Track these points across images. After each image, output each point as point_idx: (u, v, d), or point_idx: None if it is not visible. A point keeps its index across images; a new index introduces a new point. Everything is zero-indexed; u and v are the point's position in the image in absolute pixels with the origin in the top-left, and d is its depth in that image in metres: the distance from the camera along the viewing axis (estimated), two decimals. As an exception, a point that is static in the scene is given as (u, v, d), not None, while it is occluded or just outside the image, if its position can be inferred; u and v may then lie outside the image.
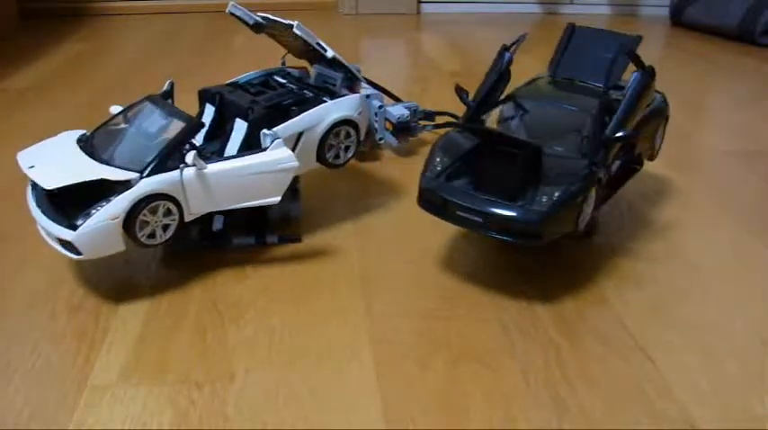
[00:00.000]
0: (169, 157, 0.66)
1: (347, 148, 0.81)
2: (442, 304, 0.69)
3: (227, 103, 0.79)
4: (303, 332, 0.65)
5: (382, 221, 0.85)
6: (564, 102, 0.75)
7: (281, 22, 0.78)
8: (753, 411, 0.56)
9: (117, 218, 0.63)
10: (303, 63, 0.87)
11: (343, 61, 0.80)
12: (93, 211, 0.63)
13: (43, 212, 0.66)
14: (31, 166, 0.67)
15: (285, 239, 0.79)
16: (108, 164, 0.66)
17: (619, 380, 0.59)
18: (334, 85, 0.82)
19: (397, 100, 1.11)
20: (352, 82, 0.82)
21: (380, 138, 1.03)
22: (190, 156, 0.66)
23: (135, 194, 0.64)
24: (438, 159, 0.71)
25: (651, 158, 0.87)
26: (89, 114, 1.23)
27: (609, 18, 2.20)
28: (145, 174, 0.65)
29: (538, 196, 0.64)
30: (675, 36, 1.96)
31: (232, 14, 0.79)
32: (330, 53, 0.79)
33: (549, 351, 0.63)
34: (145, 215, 0.65)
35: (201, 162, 0.67)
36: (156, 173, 0.65)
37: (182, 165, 0.67)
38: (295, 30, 0.77)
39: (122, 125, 0.72)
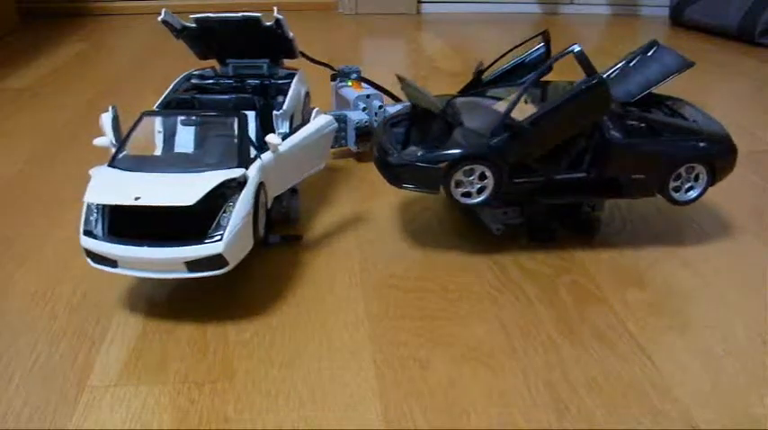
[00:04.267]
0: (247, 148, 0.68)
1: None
2: (443, 304, 0.69)
3: (214, 104, 0.80)
4: (303, 332, 0.65)
5: (382, 221, 0.85)
6: (546, 98, 0.79)
7: (233, 17, 0.78)
8: (753, 411, 0.56)
9: (248, 214, 0.63)
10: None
11: (296, 44, 0.83)
12: (224, 217, 0.62)
13: (148, 245, 0.62)
14: (137, 197, 0.61)
15: (287, 239, 0.79)
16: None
17: (619, 380, 0.59)
18: (262, 73, 0.84)
19: (397, 100, 1.11)
20: (278, 64, 0.86)
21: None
22: (274, 138, 0.68)
23: (253, 187, 0.64)
24: (398, 112, 0.84)
25: (665, 195, 0.76)
26: (89, 114, 1.23)
27: (609, 18, 2.20)
28: (245, 167, 0.65)
29: (419, 151, 0.72)
30: (675, 36, 1.96)
31: (164, 22, 0.79)
32: (291, 34, 0.82)
33: (549, 351, 0.63)
34: (257, 207, 0.66)
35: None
36: (248, 164, 0.66)
37: (257, 153, 0.68)
38: (277, 15, 0.78)
39: (146, 141, 0.72)
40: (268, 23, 0.79)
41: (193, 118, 0.73)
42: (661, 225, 0.85)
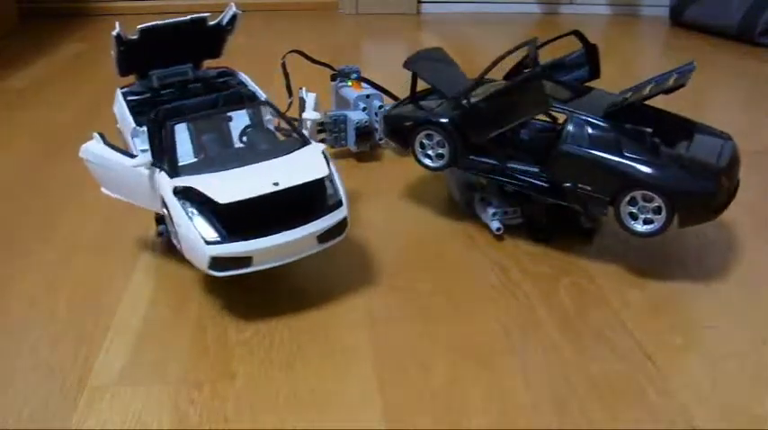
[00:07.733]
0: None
1: None
2: (443, 304, 0.69)
3: (203, 105, 0.79)
4: (303, 332, 0.65)
5: (383, 221, 0.85)
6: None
7: (182, 21, 0.77)
8: (753, 411, 0.56)
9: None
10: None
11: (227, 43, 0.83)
12: (329, 186, 0.65)
13: (283, 230, 0.62)
14: (276, 183, 0.62)
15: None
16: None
17: (619, 380, 0.59)
18: (189, 78, 0.82)
19: (397, 100, 1.11)
20: (199, 67, 0.85)
21: (380, 138, 1.03)
22: (312, 114, 0.71)
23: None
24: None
25: (617, 219, 0.71)
26: (89, 114, 1.23)
27: (609, 18, 2.20)
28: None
29: (406, 111, 0.83)
30: (675, 36, 1.96)
31: (117, 36, 0.78)
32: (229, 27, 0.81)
33: (549, 351, 0.63)
34: None
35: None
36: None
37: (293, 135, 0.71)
38: (236, 10, 0.78)
39: (202, 141, 0.73)
40: (212, 23, 0.78)
41: (225, 114, 0.74)
42: (661, 225, 0.85)
